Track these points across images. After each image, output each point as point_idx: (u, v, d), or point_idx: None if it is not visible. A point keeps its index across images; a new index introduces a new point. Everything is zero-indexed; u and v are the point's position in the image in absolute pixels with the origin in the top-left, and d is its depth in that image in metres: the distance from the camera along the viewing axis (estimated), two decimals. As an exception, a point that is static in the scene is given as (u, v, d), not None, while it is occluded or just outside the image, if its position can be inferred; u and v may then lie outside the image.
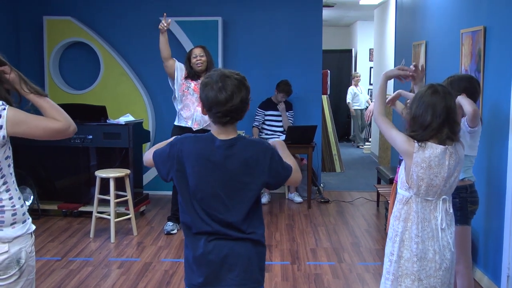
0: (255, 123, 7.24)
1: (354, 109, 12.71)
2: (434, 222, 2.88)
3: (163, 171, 2.34)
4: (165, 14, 5.64)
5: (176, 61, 5.75)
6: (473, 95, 3.54)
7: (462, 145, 2.93)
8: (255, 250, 2.36)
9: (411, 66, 3.26)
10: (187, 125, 5.66)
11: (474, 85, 3.60)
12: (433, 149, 2.78)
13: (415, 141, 2.81)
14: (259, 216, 2.39)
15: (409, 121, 2.90)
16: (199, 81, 5.60)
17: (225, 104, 2.21)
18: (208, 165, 2.25)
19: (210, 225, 2.28)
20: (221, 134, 2.29)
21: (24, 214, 2.34)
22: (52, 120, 2.29)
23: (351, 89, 12.78)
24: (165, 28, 5.55)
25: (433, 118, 2.77)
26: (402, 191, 2.97)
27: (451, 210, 2.94)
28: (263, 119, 7.27)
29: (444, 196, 2.89)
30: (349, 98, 12.76)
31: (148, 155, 2.41)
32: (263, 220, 2.44)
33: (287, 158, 2.42)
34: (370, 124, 12.45)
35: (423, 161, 2.79)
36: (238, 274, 2.31)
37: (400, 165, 4.27)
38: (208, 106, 2.26)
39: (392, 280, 2.96)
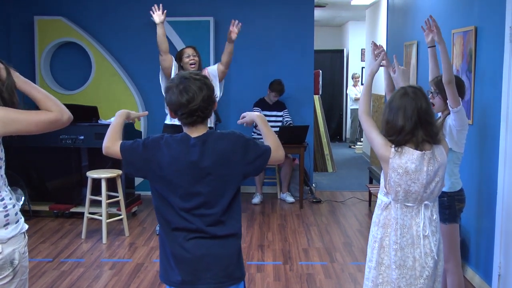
0: None
1: (353, 109, 12.75)
2: (415, 228, 2.79)
3: (133, 167, 2.36)
4: (157, 6, 5.54)
5: (173, 58, 5.72)
6: (457, 90, 3.54)
7: (445, 148, 2.83)
8: (234, 247, 2.39)
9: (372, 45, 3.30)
10: (179, 123, 5.60)
11: (459, 82, 3.60)
12: (410, 155, 2.70)
13: (392, 145, 2.73)
14: (238, 209, 2.41)
15: (383, 127, 2.81)
16: None
17: (187, 105, 2.27)
18: (186, 165, 2.28)
19: (189, 221, 2.30)
20: (193, 133, 2.33)
21: (16, 214, 2.33)
22: (44, 112, 2.29)
23: (351, 91, 12.79)
24: (161, 18, 5.47)
25: (404, 121, 2.68)
26: (381, 196, 2.90)
27: (435, 217, 2.85)
28: None
29: (426, 202, 2.80)
30: (350, 103, 12.79)
31: (113, 146, 2.41)
32: (241, 214, 2.46)
33: (268, 133, 2.49)
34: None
35: (399, 166, 2.71)
36: (217, 273, 2.34)
37: None
38: (173, 109, 2.33)
39: (374, 287, 2.91)
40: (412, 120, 2.67)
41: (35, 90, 2.34)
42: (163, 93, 5.97)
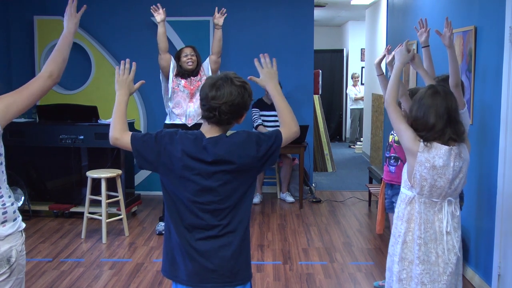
0: (258, 122, 7.10)
1: (352, 109, 12.75)
2: (438, 224, 2.83)
3: (145, 160, 2.33)
4: (156, 6, 5.59)
5: (172, 57, 5.74)
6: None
7: (468, 146, 2.90)
8: (242, 247, 2.37)
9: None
10: (180, 122, 5.64)
11: None
12: (438, 150, 2.76)
13: (421, 140, 2.79)
14: (248, 206, 2.39)
15: (411, 122, 2.88)
16: (189, 79, 5.63)
17: (210, 100, 2.26)
18: (198, 162, 2.27)
19: (200, 217, 2.29)
20: (207, 132, 2.32)
21: (14, 212, 2.34)
22: (32, 83, 2.38)
23: (351, 91, 12.78)
24: (162, 17, 5.54)
25: (436, 120, 2.76)
26: (405, 190, 2.93)
27: (458, 213, 2.89)
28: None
29: (449, 198, 2.85)
30: (350, 103, 12.79)
31: (122, 138, 2.39)
32: (250, 212, 2.44)
33: (282, 106, 2.48)
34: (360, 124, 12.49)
35: (427, 160, 2.76)
36: (223, 273, 2.33)
37: (386, 163, 4.30)
38: (201, 98, 2.33)
39: (397, 282, 2.92)
40: (443, 119, 2.76)
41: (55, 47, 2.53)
42: (163, 93, 6.02)
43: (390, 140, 4.28)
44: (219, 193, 2.28)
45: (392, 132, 4.30)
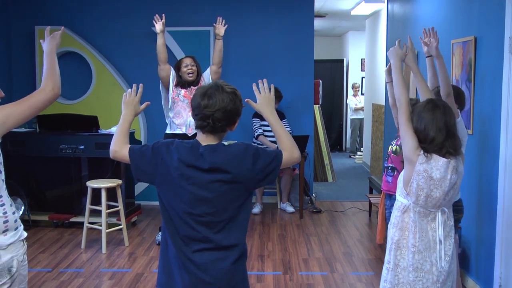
0: (259, 131, 7.11)
1: (353, 119, 12.75)
2: (431, 233, 2.87)
3: (142, 172, 2.36)
4: (159, 15, 5.61)
5: (172, 68, 5.75)
6: (457, 101, 3.67)
7: (462, 159, 2.95)
8: (238, 260, 2.34)
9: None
10: (181, 132, 5.64)
11: (459, 92, 3.78)
12: (436, 162, 2.80)
13: (421, 151, 2.83)
14: (245, 220, 2.38)
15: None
16: (189, 88, 5.64)
17: (203, 109, 2.27)
18: (194, 170, 2.27)
19: (195, 229, 2.28)
20: (203, 141, 2.32)
21: (16, 221, 2.34)
22: (33, 96, 2.41)
23: (351, 101, 12.79)
24: (161, 27, 5.56)
25: (436, 133, 2.81)
26: (400, 198, 2.96)
27: (450, 222, 2.94)
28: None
29: (443, 208, 2.89)
30: (350, 113, 12.80)
31: (121, 150, 2.43)
32: (247, 227, 2.42)
33: (281, 132, 2.43)
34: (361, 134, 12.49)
35: (425, 171, 2.80)
36: (220, 287, 2.31)
37: (385, 173, 4.31)
38: (193, 108, 2.34)
39: None
40: (442, 133, 2.81)
41: (46, 64, 2.59)
42: (163, 103, 6.02)
43: (388, 150, 4.30)
44: (214, 204, 2.27)
45: (391, 142, 4.31)
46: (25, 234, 2.39)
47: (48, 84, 2.46)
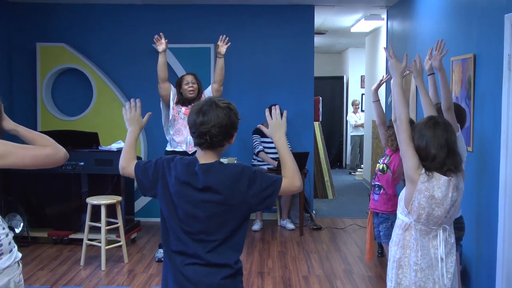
0: (259, 148, 7.13)
1: (353, 136, 12.75)
2: (433, 251, 2.86)
3: (144, 187, 2.45)
4: (160, 34, 5.64)
5: (172, 85, 5.77)
6: (458, 118, 3.69)
7: (463, 175, 2.94)
8: (231, 277, 2.33)
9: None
10: (181, 149, 5.64)
11: (460, 109, 3.82)
12: (438, 180, 2.79)
13: (423, 169, 2.81)
14: (240, 241, 2.37)
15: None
16: (190, 106, 5.64)
17: (199, 126, 2.30)
18: (186, 187, 2.30)
19: (188, 245, 2.30)
20: (201, 158, 2.35)
21: (10, 243, 2.32)
22: (40, 147, 2.30)
23: (351, 118, 12.80)
24: (164, 47, 5.57)
25: (437, 151, 2.79)
26: (402, 216, 2.95)
27: (452, 239, 2.92)
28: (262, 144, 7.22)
29: (444, 225, 2.88)
30: (350, 130, 12.80)
31: (128, 166, 2.51)
32: (242, 248, 2.41)
33: (285, 158, 2.41)
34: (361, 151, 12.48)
35: (426, 189, 2.79)
36: None
37: (372, 191, 4.31)
38: (189, 126, 2.37)
39: None
40: (444, 150, 2.79)
41: (26, 131, 2.36)
42: (162, 121, 6.02)
43: (376, 169, 4.31)
44: (205, 224, 2.29)
45: (379, 160, 4.32)
46: (19, 255, 2.38)
47: (63, 149, 2.37)
